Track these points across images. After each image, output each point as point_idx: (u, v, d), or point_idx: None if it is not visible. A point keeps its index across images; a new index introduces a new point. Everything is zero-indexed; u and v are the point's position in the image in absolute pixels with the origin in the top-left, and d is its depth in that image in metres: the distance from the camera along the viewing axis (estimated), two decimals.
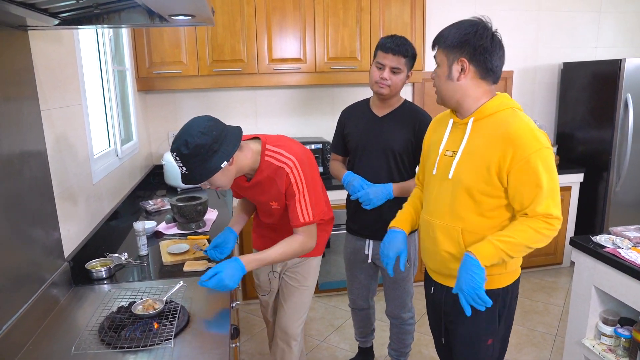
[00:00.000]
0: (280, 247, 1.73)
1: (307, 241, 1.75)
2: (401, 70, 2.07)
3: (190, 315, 1.48)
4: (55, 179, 1.67)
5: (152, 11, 1.33)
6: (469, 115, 1.49)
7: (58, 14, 1.36)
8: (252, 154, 1.68)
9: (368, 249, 2.30)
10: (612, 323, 2.04)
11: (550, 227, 1.43)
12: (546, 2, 4.00)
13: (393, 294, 2.35)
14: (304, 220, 1.71)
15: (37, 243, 1.50)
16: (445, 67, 1.47)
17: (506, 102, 1.48)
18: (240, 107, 3.65)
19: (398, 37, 2.07)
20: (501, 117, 1.45)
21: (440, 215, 1.57)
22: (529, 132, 1.40)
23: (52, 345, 1.34)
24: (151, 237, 2.24)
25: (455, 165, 1.50)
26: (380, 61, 2.06)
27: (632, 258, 1.89)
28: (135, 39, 3.04)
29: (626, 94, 3.47)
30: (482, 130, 1.47)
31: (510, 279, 1.59)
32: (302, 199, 1.69)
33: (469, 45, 1.41)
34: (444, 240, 1.56)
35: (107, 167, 2.35)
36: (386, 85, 2.07)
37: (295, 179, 1.67)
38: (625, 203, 3.71)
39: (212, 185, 1.62)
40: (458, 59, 1.44)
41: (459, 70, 1.45)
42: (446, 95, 1.51)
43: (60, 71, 1.80)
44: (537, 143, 1.38)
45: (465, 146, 1.49)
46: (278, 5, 3.16)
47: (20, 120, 1.43)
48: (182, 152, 1.50)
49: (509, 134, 1.40)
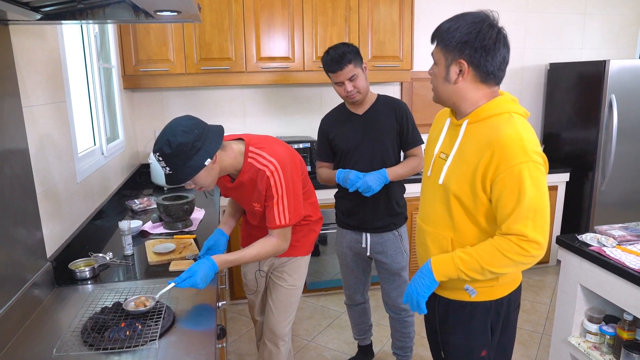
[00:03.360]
0: (253, 248, 1.74)
1: (280, 243, 1.76)
2: (356, 74, 2.11)
3: (175, 315, 1.46)
4: (38, 178, 1.63)
5: (138, 7, 1.31)
6: (464, 118, 1.39)
7: (40, 8, 1.33)
8: (235, 154, 1.69)
9: (365, 242, 2.31)
10: (597, 321, 2.06)
11: (522, 252, 1.27)
12: (533, 4, 4.04)
13: (392, 285, 2.36)
14: (279, 222, 1.70)
15: (19, 243, 1.47)
16: (442, 68, 1.36)
17: (505, 105, 1.36)
18: (228, 106, 3.62)
19: (334, 51, 2.09)
20: (495, 122, 1.33)
21: (432, 222, 1.49)
22: (518, 141, 1.26)
23: (33, 347, 1.31)
24: (137, 236, 2.21)
25: (445, 170, 1.42)
26: (335, 80, 2.14)
27: (616, 256, 1.91)
28: (122, 36, 3.00)
29: (611, 94, 3.52)
30: (475, 134, 1.36)
31: (505, 290, 1.48)
32: (280, 202, 1.69)
33: (469, 47, 1.29)
34: (434, 249, 1.49)
35: (92, 165, 2.32)
36: (355, 94, 2.14)
37: (275, 182, 1.67)
38: (610, 202, 3.76)
39: (197, 185, 1.62)
40: (456, 60, 1.32)
41: (457, 72, 1.33)
42: (443, 96, 1.41)
43: (43, 67, 1.77)
44: (524, 155, 1.25)
45: (457, 150, 1.40)
46: (266, 4, 3.14)
47: (1, 118, 1.40)
48: (165, 152, 1.49)
49: (497, 141, 1.28)
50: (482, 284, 1.43)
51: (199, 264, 1.58)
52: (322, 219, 2.07)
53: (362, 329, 2.63)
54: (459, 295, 1.48)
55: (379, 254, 2.31)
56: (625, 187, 3.75)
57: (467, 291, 1.44)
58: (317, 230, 2.03)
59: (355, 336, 2.68)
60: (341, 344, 2.92)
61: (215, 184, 1.69)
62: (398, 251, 2.30)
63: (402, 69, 3.44)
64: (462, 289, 1.45)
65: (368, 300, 2.59)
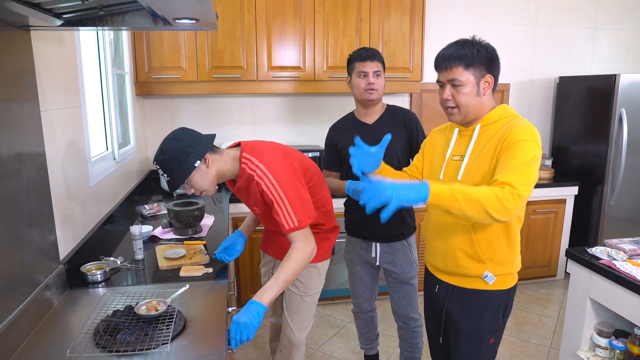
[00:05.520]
0: (283, 266, 1.64)
1: (303, 245, 1.67)
2: (381, 73, 2.20)
3: (186, 320, 1.47)
4: (53, 181, 1.66)
5: (157, 14, 1.33)
6: (475, 123, 1.57)
7: (62, 15, 1.36)
8: (231, 160, 1.75)
9: (375, 252, 2.31)
10: (607, 335, 2.05)
11: (507, 198, 1.35)
12: (543, 17, 4.05)
13: (401, 293, 2.35)
14: (289, 226, 1.65)
15: (33, 245, 1.49)
16: (472, 86, 1.52)
17: (509, 110, 1.58)
18: (238, 114, 3.65)
19: (368, 48, 2.22)
20: (505, 122, 1.54)
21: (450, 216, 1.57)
22: (529, 127, 1.47)
23: (46, 348, 1.32)
24: (147, 241, 2.23)
25: (464, 168, 1.56)
26: (362, 69, 2.18)
27: (627, 270, 1.90)
28: (135, 43, 3.04)
29: (621, 108, 3.51)
30: (488, 134, 1.54)
31: (514, 279, 1.65)
32: (282, 206, 1.65)
33: (493, 63, 1.53)
34: (456, 238, 1.60)
35: (104, 170, 2.34)
36: (374, 90, 2.18)
37: (268, 186, 1.65)
38: (619, 217, 3.73)
39: (196, 190, 1.71)
40: (485, 75, 1.52)
41: (486, 86, 1.54)
42: (474, 110, 1.55)
43: (60, 73, 1.80)
44: (531, 135, 1.45)
45: (472, 150, 1.56)
46: (278, 14, 3.18)
47: (20, 121, 1.42)
48: (159, 159, 1.63)
49: (509, 130, 1.48)
50: (499, 271, 1.58)
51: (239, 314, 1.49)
52: (338, 228, 2.04)
53: (368, 338, 2.62)
54: (476, 284, 1.61)
55: (388, 264, 2.31)
56: (634, 201, 3.73)
57: (485, 279, 1.58)
58: (331, 239, 2.01)
59: (362, 345, 2.67)
60: (347, 354, 2.91)
61: (215, 188, 1.76)
62: (407, 261, 2.30)
63: (411, 80, 3.46)
64: (480, 277, 1.59)
65: (375, 309, 2.58)
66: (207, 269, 1.86)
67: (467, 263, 1.60)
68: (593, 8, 4.12)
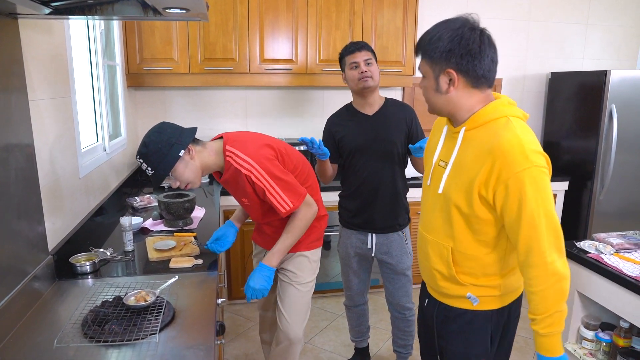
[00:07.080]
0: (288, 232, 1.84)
1: (305, 213, 1.83)
2: (372, 61, 2.20)
3: (175, 310, 1.47)
4: (42, 172, 1.64)
5: (147, 3, 1.32)
6: (461, 125, 1.35)
7: (50, 3, 1.34)
8: (215, 152, 1.78)
9: (371, 243, 2.32)
10: (594, 328, 2.07)
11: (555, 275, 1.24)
12: (536, 13, 4.06)
13: (396, 284, 2.37)
14: (285, 209, 1.76)
15: (21, 236, 1.48)
16: (431, 80, 1.32)
17: (502, 109, 1.31)
18: (230, 107, 3.64)
19: (356, 42, 2.25)
20: (493, 128, 1.28)
21: (432, 230, 1.45)
22: (519, 146, 1.21)
23: (33, 338, 1.32)
24: (137, 233, 2.22)
25: (445, 179, 1.37)
26: (353, 61, 2.20)
27: (614, 264, 1.92)
28: (127, 34, 3.01)
29: (611, 104, 3.54)
30: (473, 141, 1.32)
31: (507, 300, 1.46)
32: (274, 193, 1.74)
33: (455, 55, 1.25)
34: (434, 257, 1.45)
35: (95, 161, 2.33)
36: (369, 77, 2.18)
37: (257, 177, 1.71)
38: (608, 212, 3.77)
39: (181, 182, 1.73)
40: (444, 70, 1.28)
41: (447, 82, 1.29)
42: (436, 107, 1.37)
43: (50, 62, 1.78)
44: (525, 160, 1.20)
45: (455, 158, 1.36)
46: (271, 6, 3.16)
47: (8, 111, 1.41)
48: (143, 152, 1.67)
49: (498, 148, 1.23)
50: (483, 293, 1.41)
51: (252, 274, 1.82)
52: (327, 216, 2.07)
53: (359, 331, 2.63)
54: (461, 303, 1.45)
55: (384, 255, 2.32)
56: (623, 197, 3.76)
57: (470, 299, 1.42)
58: (320, 227, 2.03)
59: (353, 338, 2.69)
60: (338, 346, 2.93)
61: (199, 180, 1.78)
62: (403, 252, 2.31)
63: (404, 74, 3.46)
64: (464, 296, 1.42)
65: (367, 302, 2.59)
66: (197, 261, 1.86)
67: (447, 284, 1.44)
68: (585, 5, 4.14)
